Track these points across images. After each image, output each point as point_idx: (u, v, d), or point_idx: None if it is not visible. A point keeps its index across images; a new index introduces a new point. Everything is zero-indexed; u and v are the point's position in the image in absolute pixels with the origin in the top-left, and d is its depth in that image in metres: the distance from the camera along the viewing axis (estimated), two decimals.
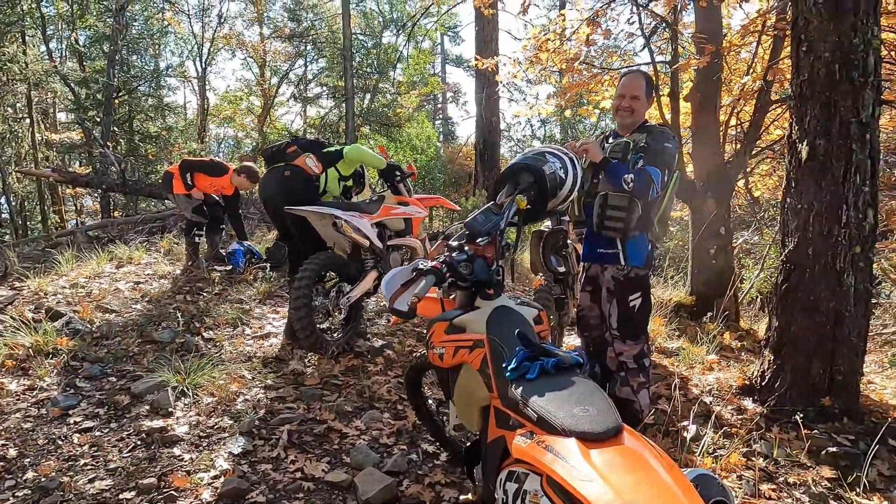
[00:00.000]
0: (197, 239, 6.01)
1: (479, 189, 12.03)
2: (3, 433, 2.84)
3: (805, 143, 3.22)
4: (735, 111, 5.89)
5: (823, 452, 2.91)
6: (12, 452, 2.70)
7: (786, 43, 5.06)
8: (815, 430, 3.08)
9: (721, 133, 5.68)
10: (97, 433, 2.92)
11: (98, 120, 15.62)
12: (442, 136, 25.02)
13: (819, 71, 3.15)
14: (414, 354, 4.12)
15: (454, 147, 22.34)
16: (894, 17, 4.47)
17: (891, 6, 4.51)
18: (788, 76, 5.31)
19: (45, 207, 17.01)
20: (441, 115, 27.42)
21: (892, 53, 4.85)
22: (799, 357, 3.30)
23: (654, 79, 5.35)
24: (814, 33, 3.17)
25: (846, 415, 3.20)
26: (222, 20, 18.64)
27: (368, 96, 19.26)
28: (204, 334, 4.24)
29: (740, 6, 5.42)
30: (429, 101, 25.02)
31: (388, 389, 3.54)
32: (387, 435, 3.05)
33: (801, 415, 3.09)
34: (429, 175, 17.37)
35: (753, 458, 2.86)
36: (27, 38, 15.37)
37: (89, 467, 2.64)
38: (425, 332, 4.43)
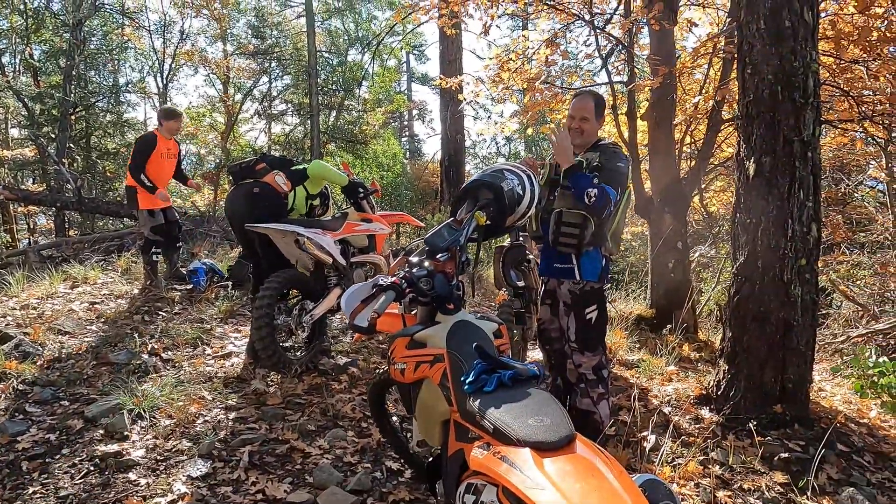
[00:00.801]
0: (155, 257, 5.87)
1: (444, 205, 12.11)
2: None
3: (752, 161, 3.38)
4: (689, 130, 6.10)
5: (776, 458, 3.02)
6: None
7: (734, 65, 5.30)
8: (768, 437, 3.19)
9: (676, 151, 5.87)
10: (48, 459, 2.82)
11: (53, 136, 15.18)
12: (408, 153, 25.13)
13: (763, 92, 3.32)
14: (378, 371, 4.11)
15: (420, 164, 22.45)
16: (832, 43, 4.74)
17: (829, 32, 4.77)
18: (738, 97, 5.56)
19: None
20: (407, 133, 27.56)
21: (831, 76, 5.12)
22: (751, 366, 3.42)
23: (611, 98, 5.52)
24: (758, 56, 3.34)
25: (797, 421, 3.33)
26: (184, 36, 18.42)
27: (334, 113, 19.24)
28: (162, 355, 4.13)
29: (691, 31, 5.64)
30: (395, 119, 25.13)
31: (353, 407, 3.52)
32: (350, 453, 3.03)
33: (755, 422, 3.21)
34: (395, 192, 17.40)
35: (710, 466, 2.94)
36: None
37: (38, 495, 2.54)
38: (387, 348, 4.41)
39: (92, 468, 2.76)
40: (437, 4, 6.37)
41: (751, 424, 3.17)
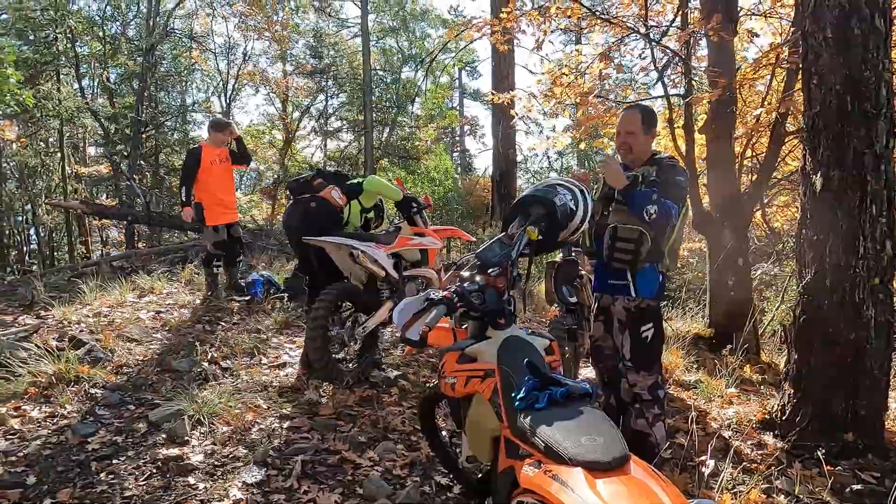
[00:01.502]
0: (216, 270, 6.11)
1: (496, 220, 12.09)
2: (23, 460, 2.89)
3: (819, 175, 3.23)
4: (750, 143, 5.89)
5: (847, 490, 2.84)
6: (31, 479, 2.74)
7: (799, 76, 5.10)
8: (839, 467, 3.01)
9: (736, 164, 5.68)
10: (115, 461, 2.95)
11: (126, 154, 16.13)
12: (459, 167, 25.28)
13: (830, 103, 3.18)
14: (428, 385, 4.12)
15: (471, 179, 22.55)
16: None
17: None
18: (803, 108, 5.33)
19: (72, 238, 17.48)
20: (458, 148, 27.77)
21: None
22: (819, 391, 3.25)
23: (667, 111, 5.41)
24: (824, 66, 3.21)
25: (870, 451, 3.13)
26: (247, 58, 19.29)
27: (387, 130, 19.63)
28: (221, 363, 4.28)
29: (752, 41, 5.47)
30: (446, 134, 25.39)
31: (403, 420, 3.54)
32: (400, 466, 3.04)
33: (824, 450, 3.03)
34: (446, 206, 17.51)
35: (774, 495, 2.80)
36: (61, 76, 16.05)
37: (106, 495, 2.66)
38: (438, 362, 4.41)
39: (154, 471, 2.87)
40: (490, 22, 6.43)
41: (819, 452, 3.00)
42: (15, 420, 3.21)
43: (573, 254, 3.92)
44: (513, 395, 1.74)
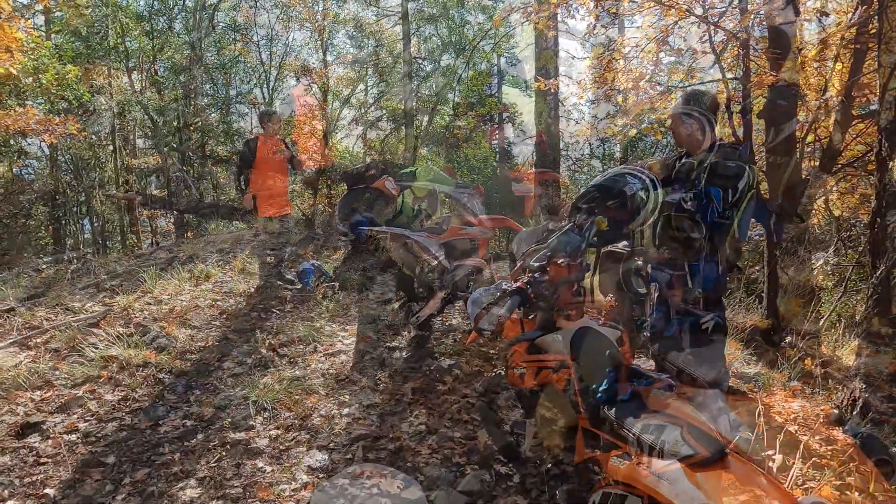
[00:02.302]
0: (269, 259, 6.23)
1: (536, 209, 11.95)
2: (102, 440, 3.04)
3: None
4: (812, 127, 5.65)
5: None
6: (111, 459, 2.88)
7: (867, 57, 4.85)
8: None
9: (798, 150, 5.46)
10: (186, 443, 3.07)
11: (175, 146, 16.57)
12: (498, 155, 25.07)
13: None
14: (484, 374, 4.13)
15: (510, 166, 22.32)
16: None
17: None
18: (869, 91, 5.06)
19: (124, 228, 18.10)
20: (497, 135, 27.49)
21: None
22: (892, 386, 3.12)
23: (724, 96, 5.23)
24: None
25: None
26: (288, 49, 19.48)
27: (426, 118, 19.58)
28: (279, 351, 4.38)
29: (819, 20, 5.21)
30: (485, 122, 25.15)
31: (458, 409, 3.56)
32: (458, 454, 3.06)
33: None
34: (486, 194, 17.40)
35: (848, 493, 2.71)
36: (112, 70, 16.56)
37: (181, 475, 2.77)
38: (497, 351, 4.40)
39: (224, 454, 2.98)
40: (537, 8, 6.33)
41: (895, 450, 2.89)
42: (92, 402, 3.37)
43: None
44: (594, 386, 1.73)
